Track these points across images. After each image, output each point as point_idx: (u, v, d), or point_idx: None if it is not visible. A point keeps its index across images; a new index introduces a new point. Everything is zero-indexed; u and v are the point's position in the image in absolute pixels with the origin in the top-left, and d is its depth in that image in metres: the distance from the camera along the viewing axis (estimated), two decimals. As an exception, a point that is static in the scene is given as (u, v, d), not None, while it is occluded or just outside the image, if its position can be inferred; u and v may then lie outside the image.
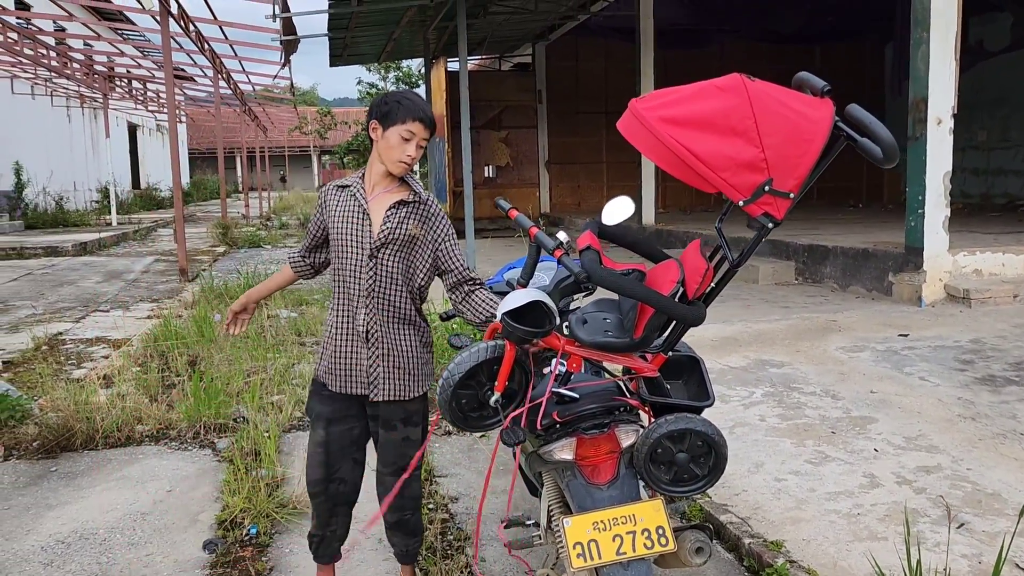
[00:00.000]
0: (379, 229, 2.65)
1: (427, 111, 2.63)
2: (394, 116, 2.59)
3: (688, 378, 2.44)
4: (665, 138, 1.82)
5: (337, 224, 2.70)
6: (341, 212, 2.70)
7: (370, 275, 2.65)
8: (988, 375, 5.16)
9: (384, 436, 2.75)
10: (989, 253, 7.33)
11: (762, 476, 3.81)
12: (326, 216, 2.76)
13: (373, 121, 2.64)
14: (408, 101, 2.62)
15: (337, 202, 2.73)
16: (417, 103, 2.63)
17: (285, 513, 3.67)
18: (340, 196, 2.73)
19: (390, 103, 2.62)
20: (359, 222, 2.66)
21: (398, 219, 2.66)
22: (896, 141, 1.89)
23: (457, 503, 3.86)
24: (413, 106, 2.60)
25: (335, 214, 2.71)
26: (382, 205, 2.68)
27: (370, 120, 2.67)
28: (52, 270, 12.85)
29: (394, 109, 2.60)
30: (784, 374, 5.37)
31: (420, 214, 2.70)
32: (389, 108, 2.60)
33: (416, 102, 2.63)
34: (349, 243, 2.67)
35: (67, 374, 6.18)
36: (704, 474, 2.22)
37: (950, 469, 3.81)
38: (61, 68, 18.61)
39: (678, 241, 11.62)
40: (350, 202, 2.69)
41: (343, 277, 2.69)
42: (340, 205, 2.71)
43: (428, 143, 2.87)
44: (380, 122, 2.62)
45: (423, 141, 2.64)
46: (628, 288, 2.04)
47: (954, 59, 7.01)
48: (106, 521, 3.70)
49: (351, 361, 2.70)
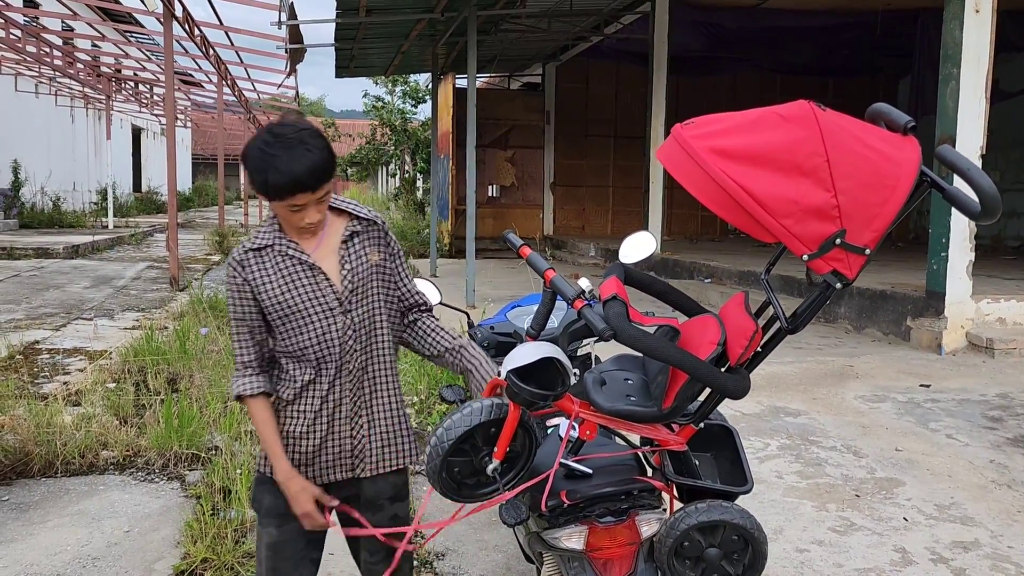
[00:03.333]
0: (341, 277, 2.11)
1: (303, 174, 1.93)
2: (267, 192, 1.97)
3: (718, 453, 2.09)
4: (716, 173, 1.48)
5: (279, 297, 2.07)
6: (279, 281, 2.08)
7: (346, 337, 2.12)
8: (1020, 436, 4.80)
9: (370, 520, 2.22)
10: (1014, 301, 6.99)
11: (782, 545, 3.45)
12: (259, 295, 2.08)
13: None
14: (276, 172, 1.93)
15: (263, 272, 2.08)
16: (287, 170, 1.92)
17: (251, 564, 3.30)
18: (264, 263, 2.08)
19: (255, 176, 1.96)
20: (311, 282, 2.09)
21: (357, 254, 2.14)
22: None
23: (444, 560, 3.48)
24: (283, 178, 1.93)
25: (271, 287, 2.07)
26: (328, 249, 2.12)
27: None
28: (40, 272, 12.50)
29: (261, 184, 1.96)
30: (801, 424, 5.01)
31: (374, 237, 2.18)
32: (255, 182, 1.98)
33: (285, 169, 1.92)
34: (306, 313, 2.08)
35: (37, 388, 5.82)
36: (738, 573, 1.86)
37: (989, 547, 3.45)
38: (65, 68, 18.37)
39: (684, 271, 11.29)
40: (284, 263, 2.08)
41: (304, 356, 2.11)
42: (271, 274, 2.08)
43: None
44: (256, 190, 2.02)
45: (323, 198, 2.02)
46: (661, 351, 1.69)
47: (984, 97, 6.72)
48: (52, 566, 3.32)
49: (333, 444, 2.17)
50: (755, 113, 1.57)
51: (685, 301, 2.06)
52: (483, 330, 2.33)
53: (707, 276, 10.74)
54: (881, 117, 1.65)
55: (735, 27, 14.35)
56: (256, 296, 2.08)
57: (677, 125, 1.57)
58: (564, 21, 13.40)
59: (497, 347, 2.31)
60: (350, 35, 12.02)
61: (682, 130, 1.54)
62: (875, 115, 1.67)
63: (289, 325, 2.09)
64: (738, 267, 10.21)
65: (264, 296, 2.08)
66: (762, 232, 1.52)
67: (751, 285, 9.29)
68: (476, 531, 3.71)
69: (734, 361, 1.75)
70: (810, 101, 1.55)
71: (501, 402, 1.91)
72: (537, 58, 17.21)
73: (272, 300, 2.08)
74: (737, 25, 14.20)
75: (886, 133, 1.59)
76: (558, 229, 17.94)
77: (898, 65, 16.08)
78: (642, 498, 1.93)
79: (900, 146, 1.56)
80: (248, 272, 2.08)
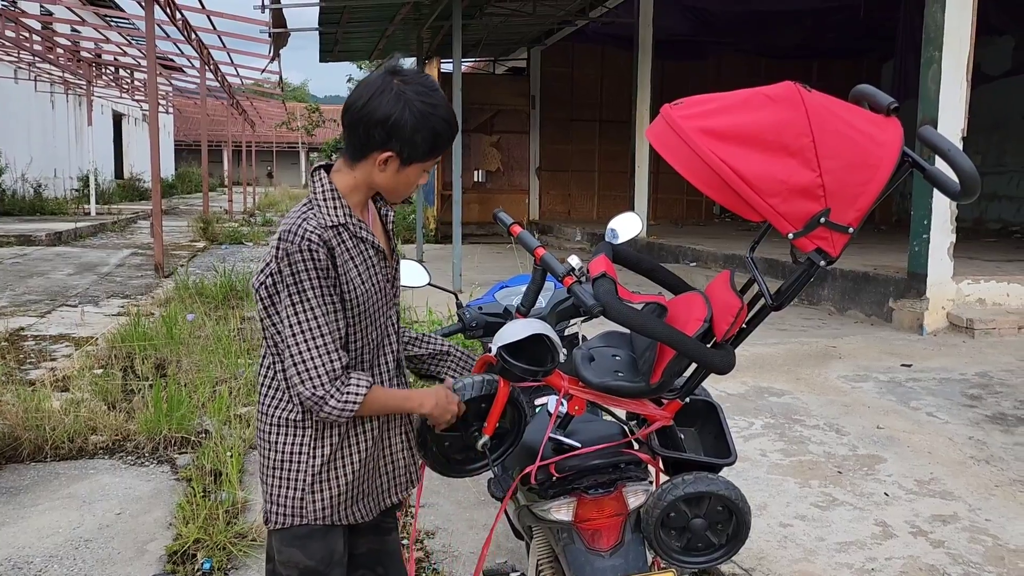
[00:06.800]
0: (392, 264, 1.92)
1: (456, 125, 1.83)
2: (426, 153, 1.77)
3: (703, 427, 2.13)
4: (705, 153, 1.51)
5: (362, 286, 1.79)
6: (361, 267, 1.80)
7: (396, 332, 1.94)
8: (999, 413, 4.90)
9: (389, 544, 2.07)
10: (994, 282, 7.10)
11: (766, 520, 3.52)
12: (346, 284, 1.76)
13: (387, 151, 1.74)
14: (444, 124, 1.76)
15: (346, 254, 1.77)
16: (452, 119, 1.78)
17: (244, 545, 3.33)
18: (345, 244, 1.77)
19: (422, 131, 1.72)
20: (381, 270, 1.85)
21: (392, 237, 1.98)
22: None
23: (434, 538, 3.53)
24: (450, 131, 1.78)
25: (354, 273, 1.78)
26: (378, 231, 1.91)
27: (383, 147, 1.74)
28: (23, 260, 12.40)
29: (428, 142, 1.75)
30: (785, 404, 5.08)
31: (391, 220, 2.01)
32: (420, 139, 1.73)
33: (451, 119, 1.78)
34: (377, 306, 1.85)
35: (24, 374, 5.80)
36: (722, 543, 1.91)
37: (967, 519, 3.53)
38: (45, 53, 18.14)
39: (670, 255, 11.35)
40: (359, 247, 1.81)
41: (362, 356, 1.85)
42: (355, 257, 1.79)
43: None
44: (402, 156, 1.75)
45: None
46: (649, 328, 1.73)
47: (966, 80, 6.78)
48: (44, 547, 3.34)
49: (393, 460, 1.95)
50: (743, 94, 1.60)
51: (672, 279, 2.10)
52: (471, 310, 2.36)
53: (693, 260, 10.81)
54: (865, 98, 1.69)
55: (720, 10, 14.38)
56: (340, 279, 1.75)
57: (666, 105, 1.60)
58: (549, 5, 13.36)
59: (486, 327, 2.34)
60: (334, 19, 11.95)
61: (671, 110, 1.58)
62: (859, 96, 1.71)
63: (361, 325, 1.82)
64: (723, 250, 10.28)
65: (348, 284, 1.76)
66: (749, 211, 1.56)
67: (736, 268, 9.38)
68: (465, 510, 3.76)
69: (720, 337, 1.79)
70: (796, 83, 1.58)
71: (492, 378, 1.95)
72: (522, 42, 17.16)
73: (356, 290, 1.78)
74: (722, 8, 14.23)
75: (870, 114, 1.63)
76: (544, 214, 17.97)
77: (882, 48, 16.17)
78: (629, 470, 1.98)
79: (883, 127, 1.60)
80: (339, 255, 1.75)
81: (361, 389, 1.73)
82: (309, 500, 1.80)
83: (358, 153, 1.78)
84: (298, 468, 1.80)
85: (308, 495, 1.80)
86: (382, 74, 1.77)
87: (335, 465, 1.82)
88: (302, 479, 1.80)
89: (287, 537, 1.83)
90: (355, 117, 1.75)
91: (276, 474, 1.83)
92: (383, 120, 1.71)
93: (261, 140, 42.09)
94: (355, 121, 1.75)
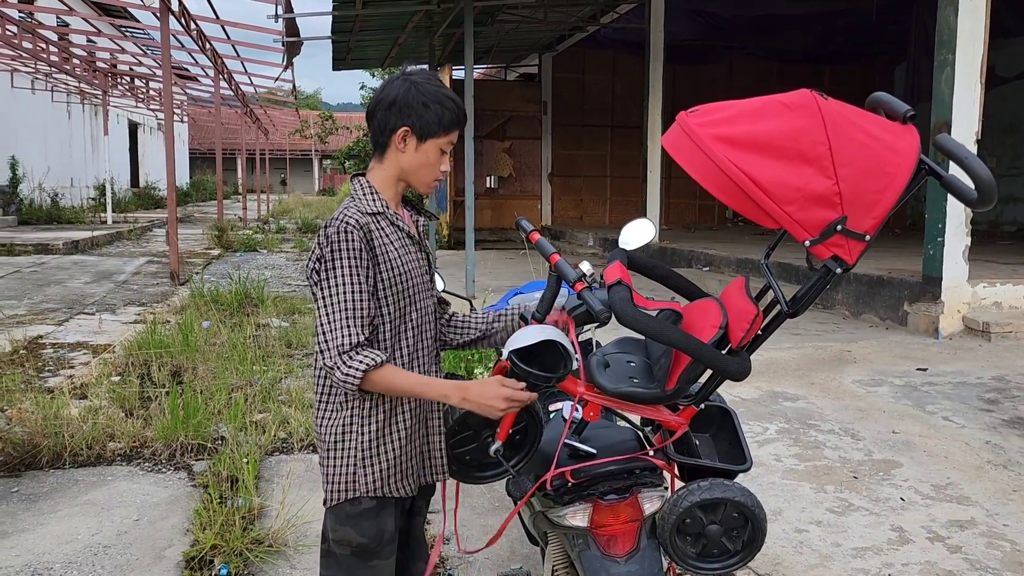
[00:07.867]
0: (426, 257, 2.07)
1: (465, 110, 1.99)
2: (437, 125, 1.90)
3: (717, 433, 2.14)
4: (721, 160, 1.52)
5: (399, 269, 1.92)
6: (398, 252, 1.93)
7: (435, 319, 2.08)
8: (1016, 417, 4.86)
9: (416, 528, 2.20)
10: (1010, 285, 7.05)
11: (782, 526, 3.51)
12: (383, 264, 1.88)
13: (403, 129, 1.90)
14: (452, 102, 1.92)
15: (384, 239, 1.90)
16: (460, 102, 1.95)
17: (261, 551, 3.35)
18: (383, 230, 1.90)
19: (431, 105, 1.89)
20: (417, 257, 1.99)
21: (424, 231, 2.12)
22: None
23: (448, 544, 3.54)
24: (459, 109, 1.93)
25: (392, 256, 1.90)
26: (409, 223, 2.05)
27: (397, 125, 1.90)
28: (41, 268, 12.52)
29: (438, 115, 1.90)
30: (799, 408, 5.07)
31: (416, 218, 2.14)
32: (431, 113, 1.89)
33: (458, 101, 1.95)
34: (416, 291, 1.96)
35: (43, 382, 5.86)
36: (737, 549, 1.92)
37: (985, 525, 3.51)
38: (61, 63, 18.33)
39: (682, 260, 11.34)
40: (399, 236, 1.94)
41: (404, 341, 1.95)
42: (392, 242, 1.92)
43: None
44: (416, 131, 1.91)
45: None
46: (666, 334, 1.74)
47: (979, 82, 6.75)
48: (63, 554, 3.38)
49: (432, 442, 2.05)
50: (759, 101, 1.61)
51: (686, 285, 2.11)
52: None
53: (705, 264, 10.79)
54: (881, 106, 1.69)
55: (730, 15, 14.36)
56: (377, 262, 1.88)
57: (682, 113, 1.61)
58: (560, 11, 13.40)
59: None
60: (347, 28, 12.03)
61: (687, 118, 1.59)
62: (875, 104, 1.71)
63: (399, 303, 1.93)
64: (736, 255, 10.26)
65: (386, 263, 1.89)
66: (765, 218, 1.56)
67: (749, 273, 9.35)
68: (480, 516, 3.77)
69: (735, 344, 1.79)
70: (812, 90, 1.59)
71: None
72: (533, 49, 17.21)
73: (395, 269, 1.90)
74: (732, 13, 14.21)
75: (886, 122, 1.64)
76: (556, 219, 17.98)
77: (893, 51, 16.09)
78: (644, 476, 1.98)
79: (900, 135, 1.60)
80: (377, 239, 1.88)
81: (363, 364, 1.80)
82: (361, 474, 1.92)
83: (381, 139, 1.95)
84: (350, 443, 1.92)
85: (360, 468, 1.92)
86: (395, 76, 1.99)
87: (383, 440, 1.93)
88: (354, 454, 1.92)
89: (341, 516, 1.94)
90: (372, 108, 1.95)
91: (331, 454, 1.94)
92: (394, 100, 1.91)
93: (275, 148, 42.34)
94: (372, 111, 1.95)
